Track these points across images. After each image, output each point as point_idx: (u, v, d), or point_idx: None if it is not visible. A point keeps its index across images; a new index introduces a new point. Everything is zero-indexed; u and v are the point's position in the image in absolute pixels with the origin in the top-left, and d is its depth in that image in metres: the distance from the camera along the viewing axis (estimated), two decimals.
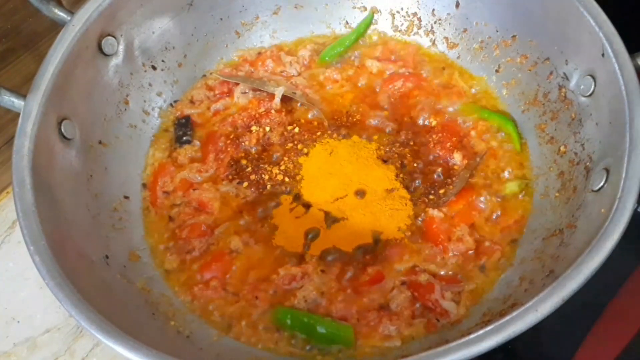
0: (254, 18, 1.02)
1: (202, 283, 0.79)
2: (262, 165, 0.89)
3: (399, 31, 1.02)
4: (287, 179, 0.87)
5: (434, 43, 1.00)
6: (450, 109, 0.93)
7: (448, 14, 0.97)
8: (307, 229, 0.83)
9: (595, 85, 0.76)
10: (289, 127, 0.93)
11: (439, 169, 0.87)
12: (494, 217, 0.82)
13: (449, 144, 0.89)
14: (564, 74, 0.83)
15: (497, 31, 0.93)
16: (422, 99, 0.94)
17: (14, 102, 0.75)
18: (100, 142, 0.85)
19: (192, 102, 0.97)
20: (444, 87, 0.95)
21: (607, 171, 0.69)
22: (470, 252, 0.79)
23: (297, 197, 0.86)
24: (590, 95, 0.77)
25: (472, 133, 0.90)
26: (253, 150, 0.91)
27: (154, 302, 0.76)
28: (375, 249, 0.81)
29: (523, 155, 0.88)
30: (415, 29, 1.01)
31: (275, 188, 0.87)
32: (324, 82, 0.98)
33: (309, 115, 0.95)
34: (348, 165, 0.87)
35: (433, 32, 1.00)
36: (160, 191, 0.88)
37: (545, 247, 0.75)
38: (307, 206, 0.85)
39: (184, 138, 0.93)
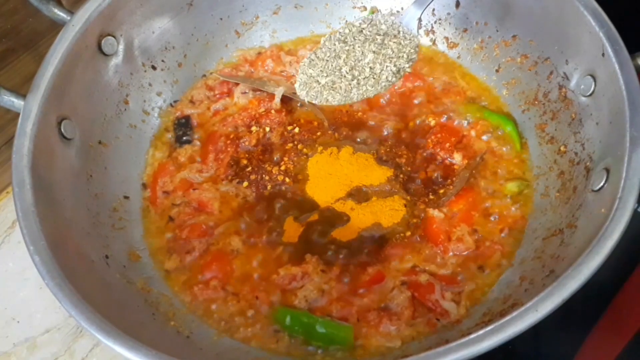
0: (254, 18, 1.02)
1: (202, 283, 0.79)
2: (262, 165, 0.89)
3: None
4: (287, 179, 0.87)
5: (434, 43, 1.00)
6: (450, 109, 0.92)
7: (448, 13, 0.97)
8: (308, 230, 0.83)
9: (595, 85, 0.76)
10: (289, 127, 0.93)
11: (439, 169, 0.87)
12: (494, 217, 0.82)
13: (448, 144, 0.89)
14: (564, 73, 0.83)
15: (497, 31, 0.93)
16: (421, 98, 0.94)
17: (14, 102, 0.75)
18: (100, 142, 0.85)
19: (192, 102, 0.97)
20: (443, 87, 0.95)
21: (608, 171, 0.69)
22: (470, 252, 0.79)
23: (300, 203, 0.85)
24: (590, 95, 0.77)
25: (472, 133, 0.90)
26: (253, 151, 0.91)
27: (154, 302, 0.76)
28: (375, 249, 0.80)
29: (523, 155, 0.88)
30: None
31: (276, 188, 0.87)
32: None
33: (306, 111, 0.94)
34: (348, 165, 0.87)
35: (433, 32, 1.00)
36: (160, 191, 0.88)
37: (545, 247, 0.75)
38: (309, 207, 0.85)
39: (184, 138, 0.93)
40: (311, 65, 0.78)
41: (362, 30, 0.77)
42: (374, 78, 0.75)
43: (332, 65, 0.76)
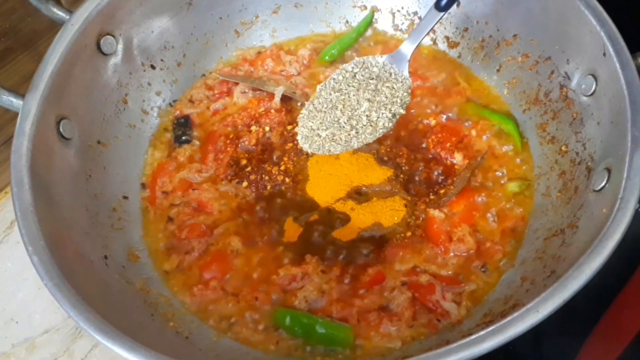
0: (253, 17, 1.01)
1: (201, 283, 0.79)
2: (262, 165, 0.89)
3: (400, 30, 1.02)
4: (287, 179, 0.87)
5: (434, 42, 1.00)
6: (451, 109, 0.92)
7: (449, 12, 0.96)
8: (308, 230, 0.83)
9: (596, 85, 0.76)
10: (289, 127, 0.93)
11: (440, 169, 0.87)
12: (494, 217, 0.82)
13: (449, 144, 0.88)
14: (565, 73, 0.83)
15: (498, 30, 0.93)
16: (422, 98, 0.94)
17: (13, 101, 0.75)
18: (99, 142, 0.85)
19: (191, 101, 0.97)
20: (444, 87, 0.95)
21: (609, 171, 0.69)
22: (471, 252, 0.79)
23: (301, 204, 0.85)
24: (591, 94, 0.77)
25: (473, 133, 0.90)
26: (253, 150, 0.91)
27: (153, 302, 0.76)
28: (375, 249, 0.80)
29: (524, 155, 0.87)
30: None
31: (276, 188, 0.87)
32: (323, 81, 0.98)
33: None
34: (348, 165, 0.87)
35: (434, 31, 0.99)
36: (159, 191, 0.88)
37: (546, 247, 0.75)
38: (309, 207, 0.85)
39: (183, 138, 0.93)
40: (310, 117, 0.81)
41: (355, 75, 0.81)
42: (371, 126, 0.78)
43: (330, 117, 0.79)
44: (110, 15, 0.84)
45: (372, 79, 0.80)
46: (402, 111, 0.80)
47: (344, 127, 0.78)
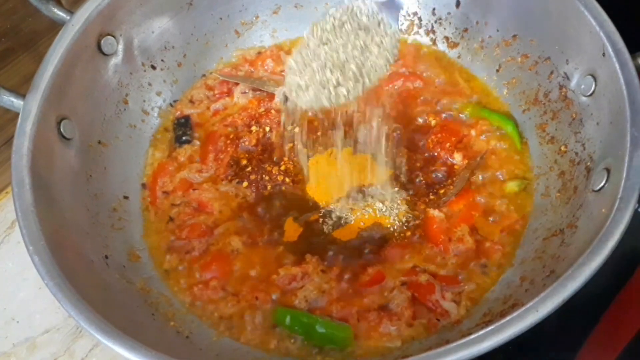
0: (253, 17, 1.02)
1: (201, 283, 0.79)
2: (262, 165, 0.89)
3: (399, 30, 1.02)
4: (287, 179, 0.87)
5: (434, 42, 1.00)
6: (451, 109, 0.92)
7: (448, 13, 0.97)
8: (308, 230, 0.83)
9: (596, 85, 0.76)
10: (289, 127, 0.93)
11: (439, 169, 0.87)
12: (494, 217, 0.82)
13: (449, 144, 0.88)
14: (565, 73, 0.83)
15: (497, 30, 0.93)
16: (422, 98, 0.94)
17: (13, 101, 0.75)
18: (99, 142, 0.85)
19: (191, 101, 0.97)
20: (444, 87, 0.95)
21: (608, 171, 0.69)
22: (471, 252, 0.79)
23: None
24: (591, 95, 0.77)
25: (473, 133, 0.90)
26: (253, 151, 0.91)
27: (154, 302, 0.76)
28: (375, 249, 0.80)
29: (524, 155, 0.88)
30: (415, 29, 1.01)
31: (276, 188, 0.87)
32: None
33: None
34: (348, 165, 0.87)
35: (433, 32, 0.99)
36: (159, 191, 0.88)
37: (546, 247, 0.75)
38: (309, 207, 0.85)
39: (184, 138, 0.93)
40: (299, 71, 0.75)
41: (343, 24, 0.75)
42: (359, 84, 0.74)
43: (319, 77, 0.74)
44: (111, 16, 0.84)
45: (360, 29, 0.75)
46: (388, 69, 0.76)
47: (332, 83, 0.74)
